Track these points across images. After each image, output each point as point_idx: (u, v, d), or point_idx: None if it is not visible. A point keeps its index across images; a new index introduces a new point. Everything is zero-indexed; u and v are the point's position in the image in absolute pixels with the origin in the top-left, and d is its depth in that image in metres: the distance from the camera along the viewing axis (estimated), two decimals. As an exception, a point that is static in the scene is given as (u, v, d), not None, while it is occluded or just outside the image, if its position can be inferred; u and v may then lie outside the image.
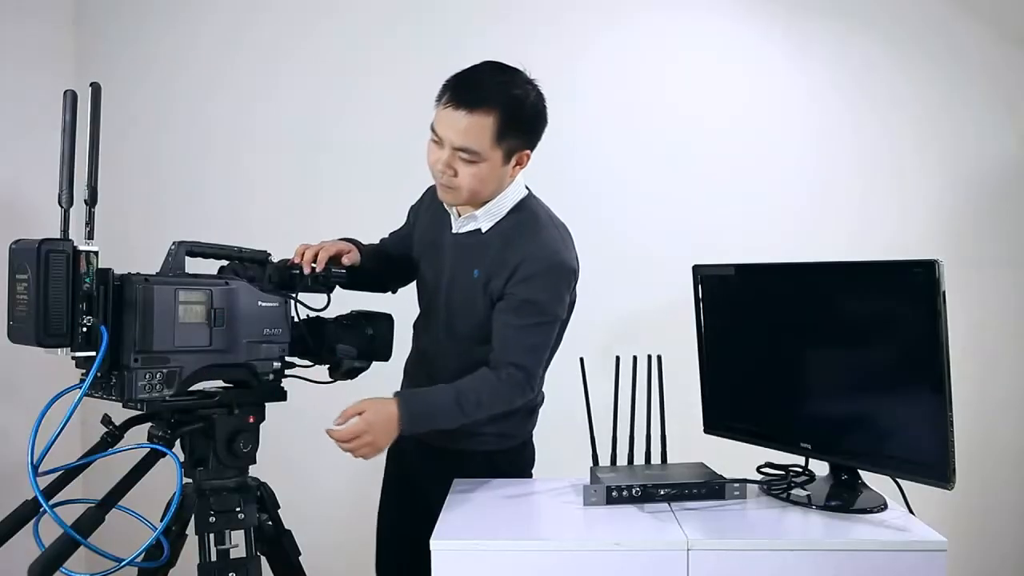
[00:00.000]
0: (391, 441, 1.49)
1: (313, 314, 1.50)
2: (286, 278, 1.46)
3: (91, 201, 1.16)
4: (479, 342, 1.60)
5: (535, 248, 1.56)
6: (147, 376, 1.21)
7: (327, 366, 1.50)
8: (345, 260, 1.57)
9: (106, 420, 1.29)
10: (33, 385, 2.20)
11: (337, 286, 1.53)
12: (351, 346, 1.48)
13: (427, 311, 1.74)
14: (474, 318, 1.61)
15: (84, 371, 1.18)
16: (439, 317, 1.68)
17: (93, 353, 1.14)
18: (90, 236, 1.16)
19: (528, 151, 1.57)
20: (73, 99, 1.14)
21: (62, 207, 1.14)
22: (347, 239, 1.67)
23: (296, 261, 1.51)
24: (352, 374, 1.50)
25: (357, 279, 1.62)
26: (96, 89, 1.17)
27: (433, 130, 1.52)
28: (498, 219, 1.61)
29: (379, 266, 1.73)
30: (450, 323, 1.65)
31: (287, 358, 1.42)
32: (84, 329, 1.14)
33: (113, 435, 1.28)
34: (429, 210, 1.75)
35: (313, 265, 1.50)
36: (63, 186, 1.14)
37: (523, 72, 1.54)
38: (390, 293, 1.83)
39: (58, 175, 1.14)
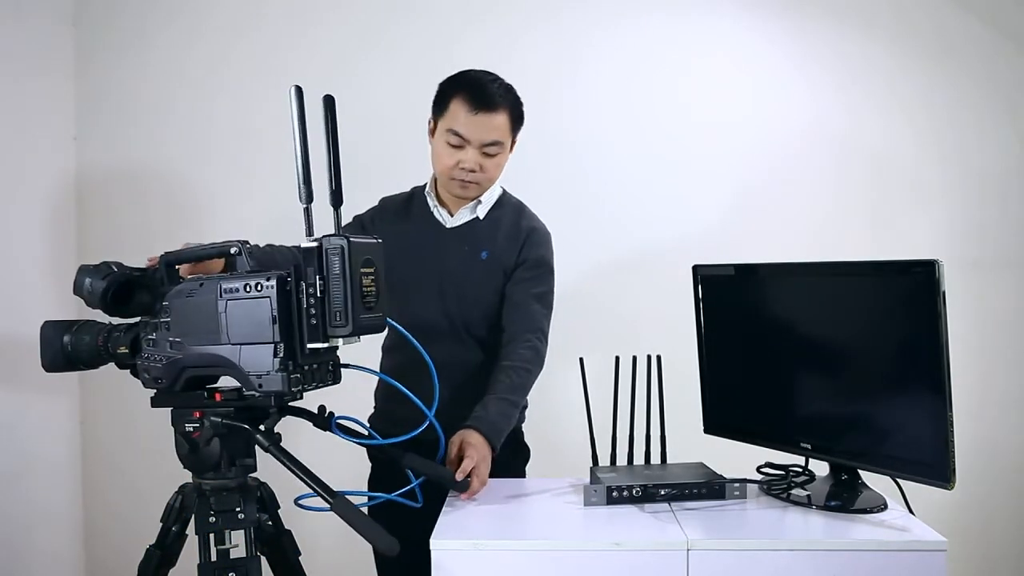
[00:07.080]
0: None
1: None
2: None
3: (336, 203, 1.26)
4: (484, 325, 1.79)
5: (534, 220, 1.85)
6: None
7: None
8: None
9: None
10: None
11: None
12: None
13: (417, 311, 1.76)
14: (485, 298, 1.78)
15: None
16: (444, 304, 1.77)
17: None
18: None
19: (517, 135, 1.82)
20: (299, 96, 1.25)
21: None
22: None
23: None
24: None
25: None
26: (329, 101, 1.29)
27: (456, 134, 1.70)
28: (490, 206, 1.82)
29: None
30: (461, 307, 1.78)
31: None
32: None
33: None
34: (399, 217, 1.86)
35: None
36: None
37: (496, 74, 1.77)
38: None
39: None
